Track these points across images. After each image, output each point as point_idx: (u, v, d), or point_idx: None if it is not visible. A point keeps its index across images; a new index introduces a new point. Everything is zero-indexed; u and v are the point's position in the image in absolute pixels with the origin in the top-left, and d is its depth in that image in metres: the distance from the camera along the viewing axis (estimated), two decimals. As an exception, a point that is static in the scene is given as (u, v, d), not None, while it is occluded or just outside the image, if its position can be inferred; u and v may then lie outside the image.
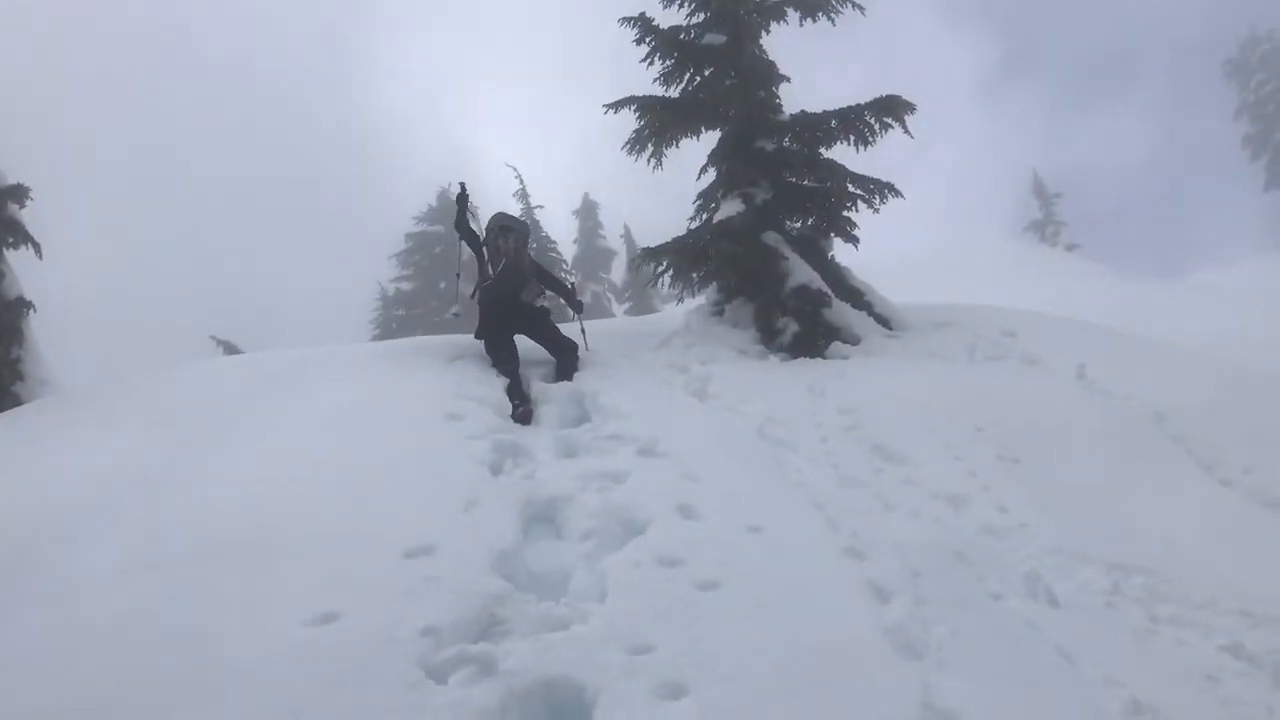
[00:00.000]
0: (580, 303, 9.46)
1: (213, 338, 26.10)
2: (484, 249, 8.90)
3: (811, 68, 11.58)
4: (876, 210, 10.67)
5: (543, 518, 5.24)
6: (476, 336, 8.73)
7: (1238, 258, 36.20)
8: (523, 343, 8.54)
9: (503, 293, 8.49)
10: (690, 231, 11.04)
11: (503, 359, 8.19)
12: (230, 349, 23.92)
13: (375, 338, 28.80)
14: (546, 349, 8.68)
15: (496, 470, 5.82)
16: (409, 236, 31.67)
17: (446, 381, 7.71)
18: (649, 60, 11.21)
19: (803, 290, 9.94)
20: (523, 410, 7.21)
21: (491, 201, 33.16)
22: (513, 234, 8.75)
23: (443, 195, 31.47)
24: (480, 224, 10.11)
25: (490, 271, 8.67)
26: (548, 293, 8.98)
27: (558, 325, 8.88)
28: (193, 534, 4.61)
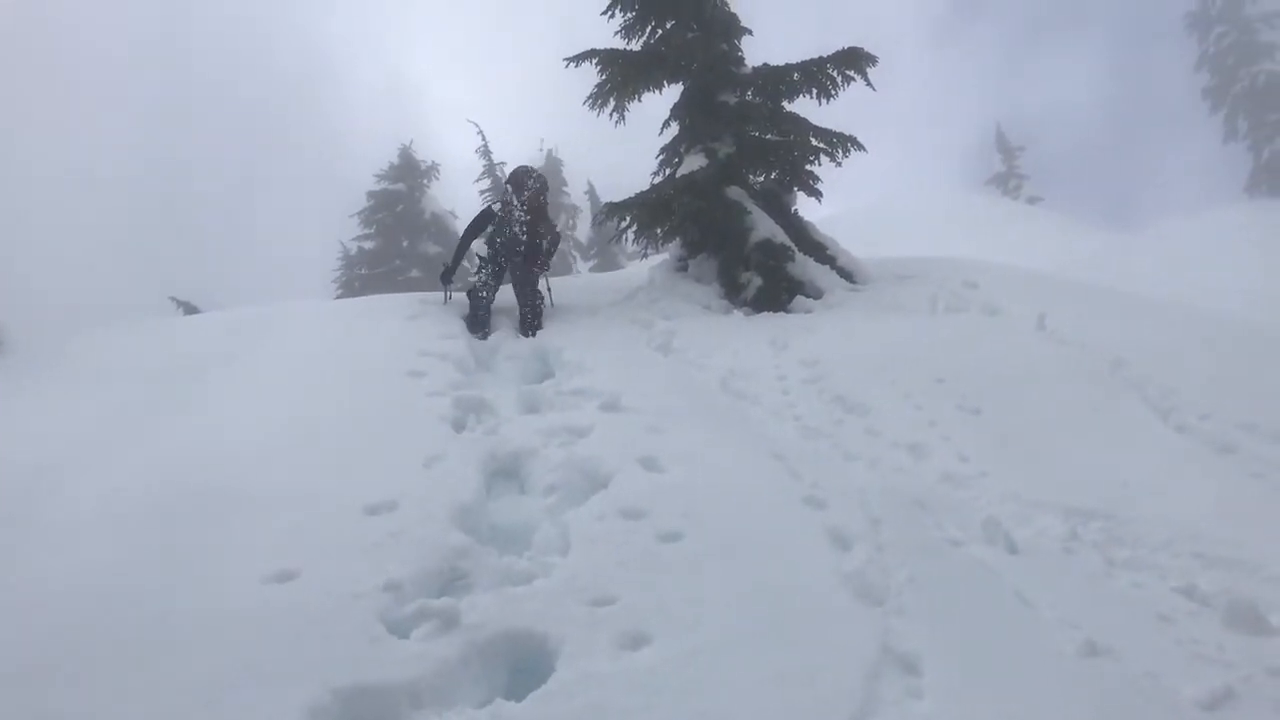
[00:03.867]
0: (547, 263, 9.44)
1: (173, 299, 25.70)
2: (492, 215, 9.31)
3: (764, 18, 11.44)
4: (839, 164, 10.63)
5: (506, 473, 5.26)
6: (442, 279, 9.32)
7: (1197, 209, 36.44)
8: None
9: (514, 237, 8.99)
10: (653, 186, 10.95)
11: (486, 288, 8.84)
12: (190, 309, 23.51)
13: (339, 297, 28.48)
14: (517, 297, 8.97)
15: (459, 426, 5.82)
16: (370, 194, 31.15)
17: (408, 338, 7.67)
18: (610, 13, 11.06)
19: (766, 245, 9.93)
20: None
21: (446, 159, 32.93)
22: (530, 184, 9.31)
23: (404, 153, 31.06)
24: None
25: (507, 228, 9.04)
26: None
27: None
28: (150, 493, 4.57)
